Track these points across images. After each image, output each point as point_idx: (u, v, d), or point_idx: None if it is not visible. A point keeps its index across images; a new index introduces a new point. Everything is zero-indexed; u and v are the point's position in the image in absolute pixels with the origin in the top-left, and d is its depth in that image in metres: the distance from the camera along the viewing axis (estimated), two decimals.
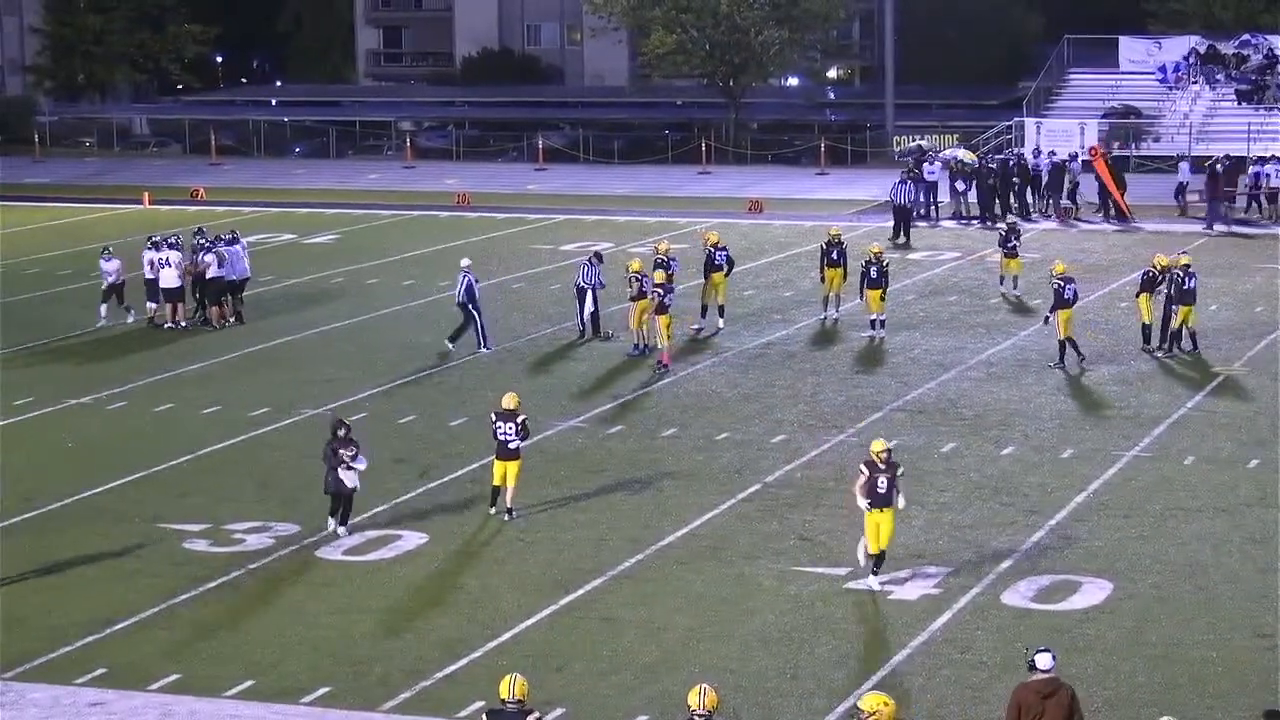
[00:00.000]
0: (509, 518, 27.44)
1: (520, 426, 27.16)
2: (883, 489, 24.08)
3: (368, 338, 41.47)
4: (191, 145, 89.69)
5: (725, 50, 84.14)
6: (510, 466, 27.29)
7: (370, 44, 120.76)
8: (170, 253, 42.73)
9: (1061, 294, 37.10)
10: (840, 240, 43.16)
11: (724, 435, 32.50)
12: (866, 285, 40.58)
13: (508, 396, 27.57)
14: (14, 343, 41.00)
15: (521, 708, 16.94)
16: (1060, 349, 37.41)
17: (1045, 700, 17.25)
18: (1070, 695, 17.39)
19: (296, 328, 42.47)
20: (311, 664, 22.01)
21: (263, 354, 39.85)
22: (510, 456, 27.26)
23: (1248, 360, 38.11)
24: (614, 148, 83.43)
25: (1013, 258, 45.57)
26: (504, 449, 27.23)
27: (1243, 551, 25.88)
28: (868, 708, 16.27)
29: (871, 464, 24.18)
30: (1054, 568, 25.14)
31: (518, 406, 27.36)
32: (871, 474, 24.13)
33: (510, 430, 27.10)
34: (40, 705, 20.84)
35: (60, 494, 29.22)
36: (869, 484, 24.09)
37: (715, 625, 23.14)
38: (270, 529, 27.29)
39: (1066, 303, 37.15)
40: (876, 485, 24.09)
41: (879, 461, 24.13)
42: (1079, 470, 30.03)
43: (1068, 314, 37.26)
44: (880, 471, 24.11)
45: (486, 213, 63.36)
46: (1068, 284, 37.20)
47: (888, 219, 59.15)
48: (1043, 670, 17.38)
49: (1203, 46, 77.01)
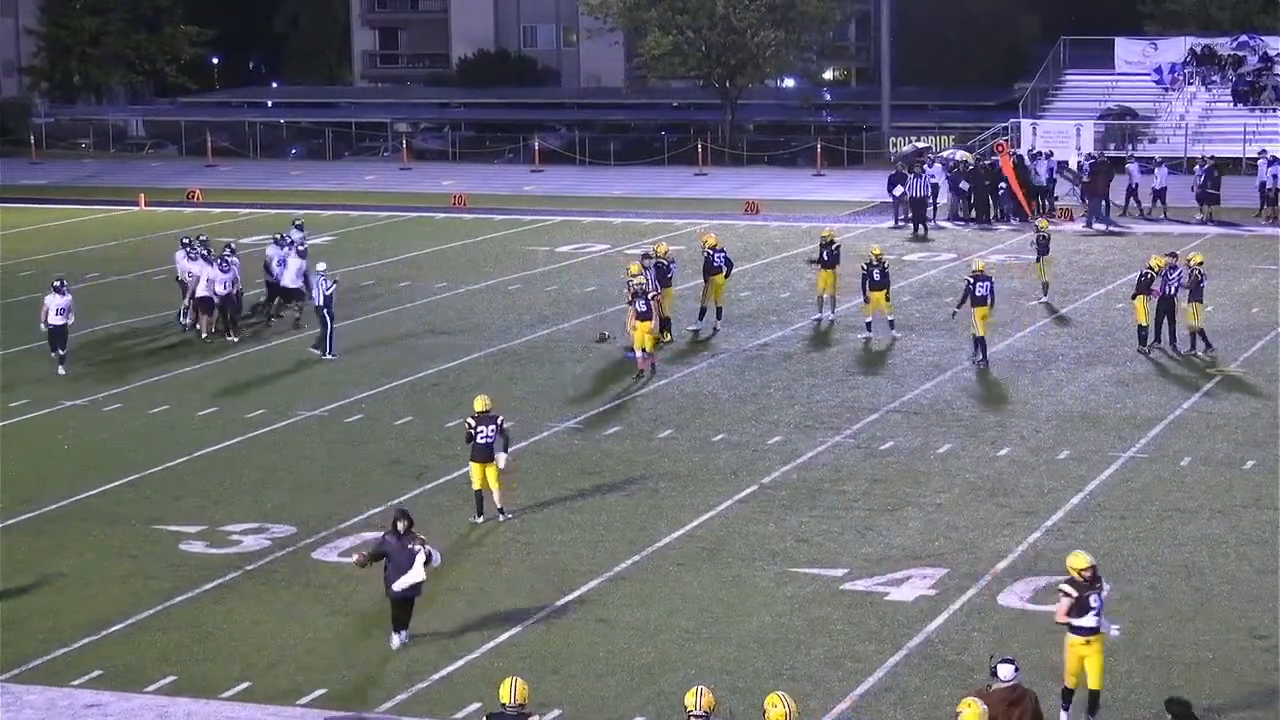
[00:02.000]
0: (503, 518, 27.44)
1: (499, 428, 27.12)
2: (1095, 610, 20.07)
3: (363, 339, 41.43)
4: (188, 147, 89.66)
5: (721, 51, 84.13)
6: (490, 469, 27.24)
7: (366, 45, 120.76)
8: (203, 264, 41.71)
9: (971, 290, 37.89)
10: (833, 241, 43.11)
11: (720, 436, 32.51)
12: (869, 287, 40.46)
13: (480, 399, 27.50)
14: (9, 344, 40.97)
15: (521, 711, 16.92)
16: (974, 345, 38.09)
17: (1010, 708, 17.29)
18: (1034, 701, 17.46)
19: (291, 329, 42.41)
20: (307, 666, 22.00)
21: (258, 356, 39.83)
22: (489, 458, 27.20)
23: (1245, 361, 38.12)
24: (610, 149, 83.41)
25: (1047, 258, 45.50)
26: (483, 451, 27.12)
27: (1239, 553, 25.89)
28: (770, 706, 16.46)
29: (1076, 582, 20.13)
30: (1051, 569, 25.10)
31: (492, 407, 27.34)
32: (1081, 594, 20.08)
33: (491, 432, 27.04)
34: (37, 707, 20.84)
35: (57, 496, 29.21)
36: (1078, 604, 20.08)
37: (712, 626, 23.14)
38: (267, 531, 27.29)
39: (980, 300, 37.77)
40: (1088, 605, 20.05)
41: (1083, 578, 20.15)
42: (1075, 471, 30.04)
43: (983, 312, 37.82)
44: (1089, 590, 20.11)
45: (483, 214, 63.36)
46: (979, 281, 37.86)
47: (883, 219, 59.28)
48: (1004, 680, 17.44)
49: (1199, 47, 77.06)
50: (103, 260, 53.87)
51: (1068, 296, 45.51)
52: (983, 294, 37.84)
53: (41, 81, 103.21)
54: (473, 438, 27.16)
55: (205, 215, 63.57)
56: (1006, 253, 52.06)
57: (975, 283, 37.93)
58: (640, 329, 37.15)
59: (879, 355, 39.06)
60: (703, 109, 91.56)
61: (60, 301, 38.05)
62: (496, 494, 27.46)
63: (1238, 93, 74.76)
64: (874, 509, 28.03)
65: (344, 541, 26.67)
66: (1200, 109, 74.65)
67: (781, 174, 76.35)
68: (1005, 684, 17.43)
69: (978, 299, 37.87)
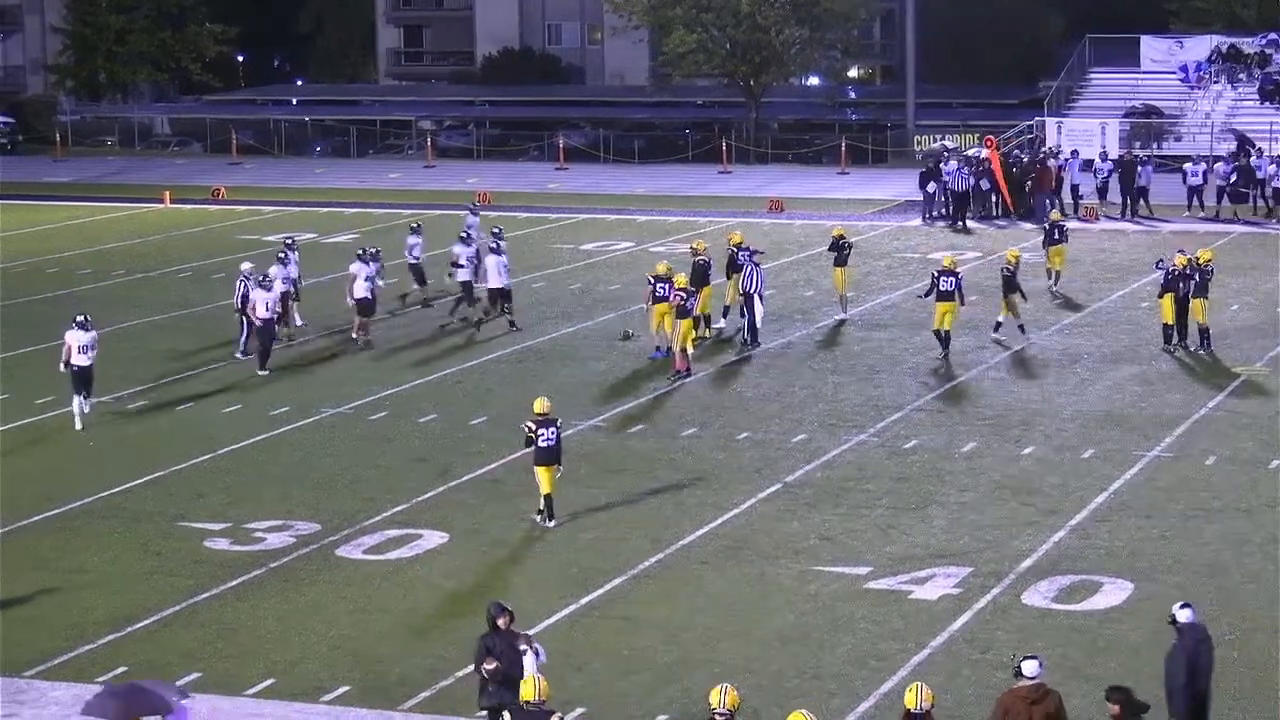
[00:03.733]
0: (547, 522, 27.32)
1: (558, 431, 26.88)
2: None
3: (387, 336, 41.47)
4: (212, 144, 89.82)
5: (746, 49, 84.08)
6: (553, 471, 27.06)
7: (391, 43, 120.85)
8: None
9: (935, 284, 38.17)
10: (844, 237, 42.91)
11: (744, 435, 32.49)
12: (936, 298, 38.67)
13: (539, 401, 27.37)
14: (35, 341, 41.05)
15: (542, 708, 16.92)
16: (939, 339, 38.34)
17: (1032, 706, 17.23)
18: (1057, 701, 17.39)
19: (316, 327, 42.48)
20: (331, 663, 22.04)
21: (282, 353, 39.84)
22: (553, 461, 27.04)
23: (1269, 360, 38.01)
24: (634, 147, 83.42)
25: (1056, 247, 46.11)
26: (545, 454, 26.90)
27: (1264, 552, 25.81)
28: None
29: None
30: (1075, 568, 25.09)
31: (551, 410, 27.16)
32: None
33: (552, 435, 26.85)
34: (61, 703, 20.89)
35: (82, 493, 29.29)
36: None
37: (735, 625, 23.13)
38: (291, 528, 27.33)
39: (945, 295, 38.02)
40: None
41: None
42: (1100, 470, 29.98)
43: (946, 307, 38.07)
44: None
45: (507, 212, 63.33)
46: (944, 276, 38.11)
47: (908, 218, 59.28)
48: (1029, 677, 17.38)
49: (1225, 45, 76.80)
50: (128, 257, 53.99)
51: (1092, 295, 45.44)
52: (947, 289, 38.10)
53: (67, 79, 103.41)
54: (533, 441, 27.01)
55: (229, 213, 63.70)
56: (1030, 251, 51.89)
57: (940, 277, 38.17)
58: (683, 326, 37.00)
59: (904, 354, 38.98)
60: (727, 107, 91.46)
61: (85, 338, 33.72)
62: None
63: (1264, 91, 74.47)
64: (898, 508, 28.00)
65: (368, 539, 26.70)
66: (1226, 107, 74.42)
67: (806, 172, 76.26)
68: (1029, 681, 17.35)
69: (943, 294, 38.09)
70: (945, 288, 38.15)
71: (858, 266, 46.96)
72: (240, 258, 52.65)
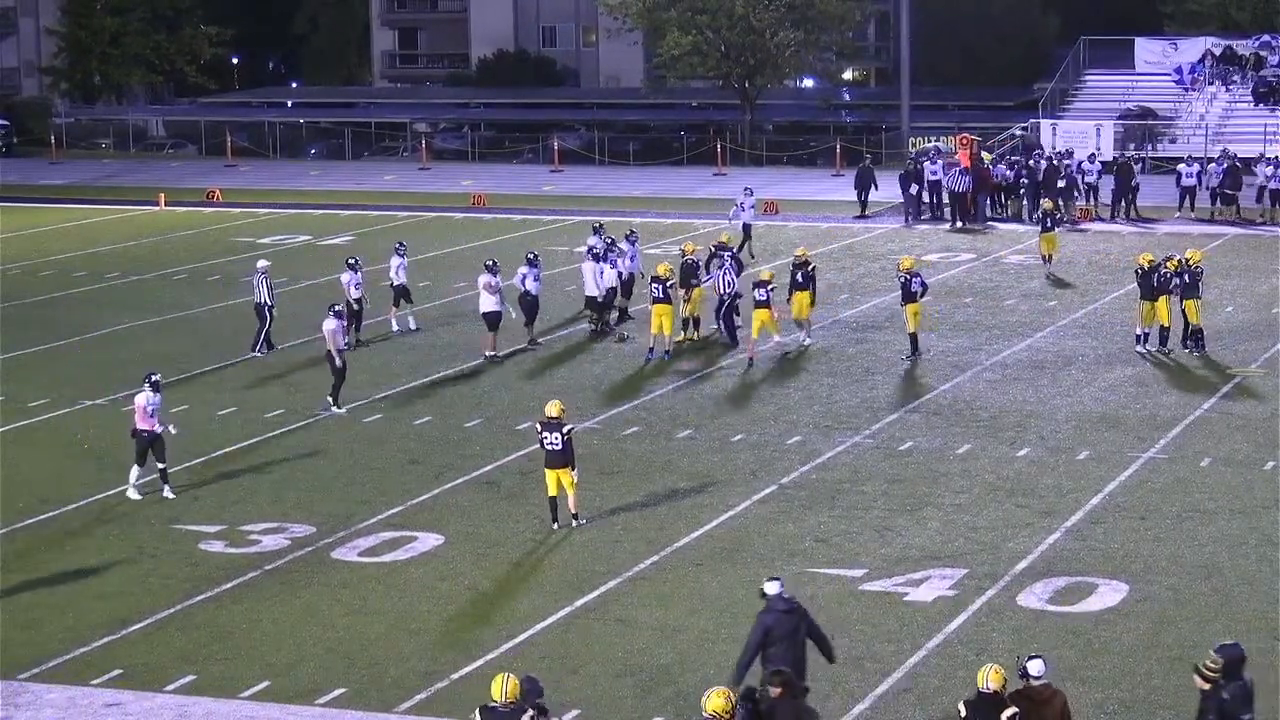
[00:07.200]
0: (575, 524, 27.29)
1: (566, 435, 26.85)
2: None
3: (382, 339, 41.47)
4: (207, 147, 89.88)
5: (740, 52, 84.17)
6: (563, 474, 26.99)
7: (386, 45, 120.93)
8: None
9: (908, 287, 38.49)
10: (808, 262, 41.72)
11: (739, 437, 32.50)
12: (903, 300, 39.11)
13: (551, 404, 27.29)
14: (29, 343, 41.06)
15: (514, 707, 16.84)
16: (910, 341, 38.65)
17: (1040, 707, 17.22)
18: (1063, 702, 17.40)
19: (312, 329, 42.44)
20: (327, 665, 22.03)
21: (278, 355, 39.86)
22: (561, 464, 26.98)
23: (1264, 362, 38.04)
24: (629, 149, 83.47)
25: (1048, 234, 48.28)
26: (554, 457, 26.84)
27: (1259, 553, 25.83)
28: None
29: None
30: (1070, 569, 25.10)
31: (562, 414, 27.09)
32: None
33: (558, 439, 26.77)
34: (56, 706, 20.88)
35: (76, 495, 29.28)
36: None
37: (731, 627, 23.10)
38: (286, 530, 27.32)
39: (912, 296, 38.45)
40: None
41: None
42: (1095, 472, 29.99)
43: (915, 308, 38.51)
44: None
45: (502, 214, 63.39)
46: (913, 278, 38.51)
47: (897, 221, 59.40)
48: (1035, 676, 17.38)
49: (1219, 47, 76.90)
50: (123, 260, 53.98)
51: (1087, 297, 45.47)
52: (914, 290, 38.49)
53: (61, 82, 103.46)
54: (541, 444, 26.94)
55: (225, 215, 63.69)
56: (1025, 253, 51.96)
57: (910, 279, 38.49)
58: (758, 316, 37.85)
59: (898, 356, 38.98)
60: (722, 109, 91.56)
61: (155, 399, 29.52)
62: (571, 499, 27.26)
63: (1258, 93, 74.58)
64: (893, 509, 28.01)
65: (363, 541, 26.69)
66: (1220, 109, 74.49)
67: (800, 174, 76.30)
68: (1036, 681, 17.33)
69: (909, 295, 38.48)
70: (913, 289, 38.57)
71: (851, 269, 46.94)
72: (241, 258, 52.75)
